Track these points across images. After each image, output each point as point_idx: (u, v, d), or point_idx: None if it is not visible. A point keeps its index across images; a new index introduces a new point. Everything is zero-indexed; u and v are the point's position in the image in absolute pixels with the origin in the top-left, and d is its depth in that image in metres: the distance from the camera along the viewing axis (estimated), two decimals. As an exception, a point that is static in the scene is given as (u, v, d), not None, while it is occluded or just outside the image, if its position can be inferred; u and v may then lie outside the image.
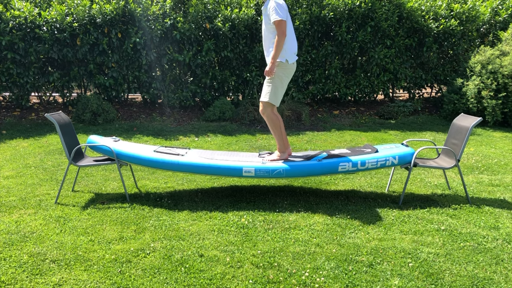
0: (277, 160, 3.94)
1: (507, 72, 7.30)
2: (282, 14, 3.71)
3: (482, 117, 3.91)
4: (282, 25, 3.72)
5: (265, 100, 3.91)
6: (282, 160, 3.92)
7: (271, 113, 3.95)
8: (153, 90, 8.01)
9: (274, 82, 3.87)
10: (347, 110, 8.68)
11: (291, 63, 3.88)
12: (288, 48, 3.85)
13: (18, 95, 7.82)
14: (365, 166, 3.82)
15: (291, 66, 3.90)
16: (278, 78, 3.87)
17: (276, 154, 4.04)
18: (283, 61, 3.83)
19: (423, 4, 8.24)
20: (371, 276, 2.68)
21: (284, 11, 3.76)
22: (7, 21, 7.12)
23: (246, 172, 3.79)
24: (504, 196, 4.14)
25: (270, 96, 3.89)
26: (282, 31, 3.72)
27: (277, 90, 3.89)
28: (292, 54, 3.88)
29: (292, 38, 3.90)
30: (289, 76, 3.94)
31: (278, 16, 3.70)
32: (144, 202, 3.93)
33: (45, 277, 2.65)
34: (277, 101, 3.93)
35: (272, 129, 4.01)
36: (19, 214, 3.64)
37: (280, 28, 3.72)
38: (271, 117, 3.95)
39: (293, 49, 3.90)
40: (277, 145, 4.03)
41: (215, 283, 2.60)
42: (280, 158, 3.97)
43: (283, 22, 3.71)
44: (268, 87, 3.90)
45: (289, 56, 3.85)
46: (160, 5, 7.68)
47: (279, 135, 3.99)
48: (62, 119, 4.03)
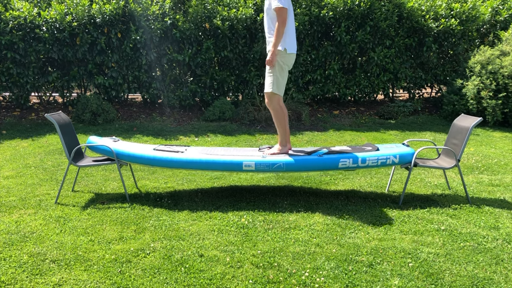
0: (278, 154, 3.94)
1: (507, 73, 7.30)
2: (284, 2, 3.71)
3: (482, 117, 3.90)
4: (283, 12, 3.71)
5: (269, 90, 3.93)
6: (282, 154, 3.92)
7: (277, 105, 3.96)
8: (153, 90, 8.01)
9: (275, 71, 3.89)
10: (347, 110, 8.68)
11: (289, 53, 3.88)
12: (288, 38, 3.85)
13: (18, 95, 7.82)
14: (365, 163, 3.81)
15: (290, 56, 3.90)
16: (278, 67, 3.89)
17: (276, 147, 4.03)
18: (282, 50, 3.83)
19: (423, 4, 8.24)
20: (371, 276, 2.68)
21: (287, 0, 3.76)
22: (7, 21, 7.12)
23: (246, 167, 3.78)
24: (504, 196, 4.14)
25: (273, 86, 3.91)
26: (283, 18, 3.72)
27: (278, 79, 3.91)
28: (291, 44, 3.88)
29: (292, 29, 3.90)
30: (288, 65, 3.95)
31: (280, 3, 3.70)
32: (144, 202, 3.93)
33: (45, 277, 2.65)
34: (280, 90, 3.95)
35: (276, 121, 4.01)
36: (19, 214, 3.64)
37: (281, 15, 3.71)
38: (276, 108, 3.97)
39: (293, 40, 3.91)
40: (279, 138, 4.03)
41: (215, 283, 2.60)
42: (280, 152, 3.97)
43: (284, 9, 3.71)
44: (270, 77, 3.92)
45: (288, 45, 3.85)
46: (159, 5, 7.68)
47: (282, 127, 3.99)
48: (62, 119, 4.03)
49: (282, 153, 3.95)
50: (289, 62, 3.93)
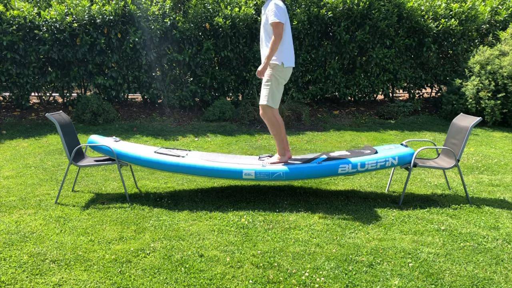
0: (277, 163, 3.95)
1: (507, 73, 7.30)
2: (280, 17, 3.72)
3: (480, 117, 3.91)
4: (279, 27, 3.73)
5: (264, 103, 3.93)
6: (282, 163, 3.93)
7: (272, 116, 3.96)
8: (153, 90, 8.01)
9: (271, 84, 3.89)
10: (347, 110, 8.69)
11: (287, 67, 3.88)
12: (285, 52, 3.85)
13: (18, 95, 7.82)
14: (364, 167, 3.83)
15: (287, 70, 3.91)
16: (274, 81, 3.88)
17: (276, 157, 4.04)
18: (279, 64, 3.83)
19: (422, 4, 8.25)
20: (371, 276, 2.68)
21: (283, 15, 3.77)
22: (9, 21, 7.12)
23: (246, 175, 3.80)
24: (504, 196, 4.14)
25: (268, 99, 3.91)
26: (278, 33, 3.73)
27: (274, 92, 3.90)
28: (288, 58, 3.88)
29: (289, 43, 3.90)
30: (285, 79, 3.95)
31: (276, 18, 3.71)
32: (144, 202, 3.93)
33: (45, 277, 2.65)
34: (275, 104, 3.95)
35: (272, 132, 4.02)
36: (19, 214, 3.64)
37: (277, 30, 3.72)
38: (271, 120, 3.96)
39: (290, 53, 3.91)
40: (277, 148, 4.04)
41: (215, 283, 2.60)
42: (280, 161, 3.98)
43: (280, 24, 3.72)
44: (266, 90, 3.91)
45: (285, 59, 3.86)
46: (159, 5, 7.68)
47: (279, 138, 3.99)
48: (62, 119, 4.03)
49: (281, 162, 3.96)
50: (285, 76, 3.94)
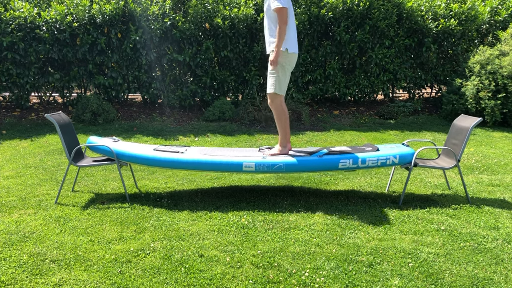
0: (278, 154, 3.94)
1: (507, 73, 7.30)
2: (283, 2, 3.70)
3: (481, 117, 3.91)
4: (283, 13, 3.69)
5: (271, 91, 3.93)
6: (282, 155, 3.92)
7: (279, 106, 3.97)
8: (153, 90, 8.01)
9: (277, 72, 3.88)
10: (347, 110, 8.68)
11: (291, 52, 3.87)
12: (289, 38, 3.84)
13: (18, 95, 7.82)
14: (365, 163, 3.82)
15: (292, 56, 3.89)
16: (280, 68, 3.88)
17: (277, 148, 4.04)
18: (283, 50, 3.82)
19: (422, 4, 8.24)
20: (371, 276, 2.68)
21: (286, 0, 3.75)
22: (8, 22, 7.11)
23: (247, 167, 3.78)
24: (504, 196, 4.14)
25: (275, 87, 3.91)
26: (283, 18, 3.70)
27: (280, 79, 3.90)
28: (292, 43, 3.87)
29: (293, 29, 3.89)
30: (291, 65, 3.94)
31: (279, 3, 3.68)
32: (144, 202, 3.93)
33: (45, 277, 2.65)
34: (283, 91, 3.95)
35: (277, 122, 4.02)
36: (19, 214, 3.64)
37: (282, 16, 3.69)
38: (278, 109, 3.97)
39: (294, 39, 3.90)
40: (280, 138, 4.03)
41: (215, 283, 2.60)
42: (280, 152, 3.97)
43: (284, 9, 3.69)
44: (272, 78, 3.92)
45: (289, 45, 3.84)
46: (159, 5, 7.68)
47: (283, 128, 4.00)
48: (62, 119, 4.03)
49: (282, 153, 3.95)
50: (291, 62, 3.92)
